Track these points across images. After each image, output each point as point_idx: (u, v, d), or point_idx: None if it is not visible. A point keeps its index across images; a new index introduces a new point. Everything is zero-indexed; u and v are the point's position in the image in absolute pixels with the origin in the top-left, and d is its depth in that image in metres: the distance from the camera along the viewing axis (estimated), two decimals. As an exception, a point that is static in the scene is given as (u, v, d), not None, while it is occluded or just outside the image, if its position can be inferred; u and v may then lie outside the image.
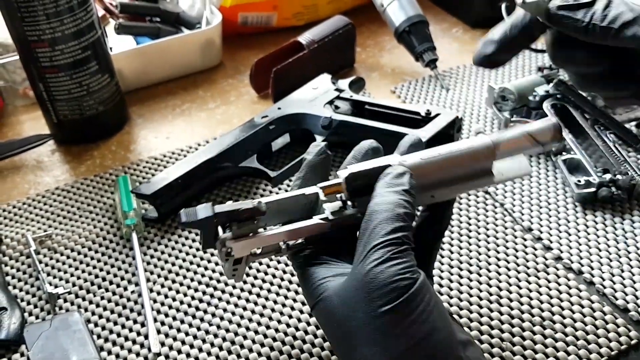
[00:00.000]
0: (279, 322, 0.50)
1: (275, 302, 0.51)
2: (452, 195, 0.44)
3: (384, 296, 0.35)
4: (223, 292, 0.53)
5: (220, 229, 0.40)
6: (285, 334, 0.49)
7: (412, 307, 0.35)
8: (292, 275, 0.53)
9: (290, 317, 0.50)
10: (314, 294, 0.40)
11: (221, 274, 0.54)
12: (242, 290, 0.53)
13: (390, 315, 0.35)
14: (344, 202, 0.42)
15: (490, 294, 0.51)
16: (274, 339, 0.48)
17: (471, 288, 0.51)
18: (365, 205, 0.39)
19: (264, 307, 0.51)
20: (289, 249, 0.42)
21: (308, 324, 0.49)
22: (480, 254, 0.54)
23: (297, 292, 0.52)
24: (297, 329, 0.49)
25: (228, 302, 0.52)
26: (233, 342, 0.48)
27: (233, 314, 0.51)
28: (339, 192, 0.42)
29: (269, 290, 0.52)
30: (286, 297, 0.52)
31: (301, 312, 0.50)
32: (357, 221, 0.40)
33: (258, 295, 0.52)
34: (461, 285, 0.52)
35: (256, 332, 0.49)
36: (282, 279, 0.53)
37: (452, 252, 0.54)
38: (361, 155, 0.45)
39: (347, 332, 0.37)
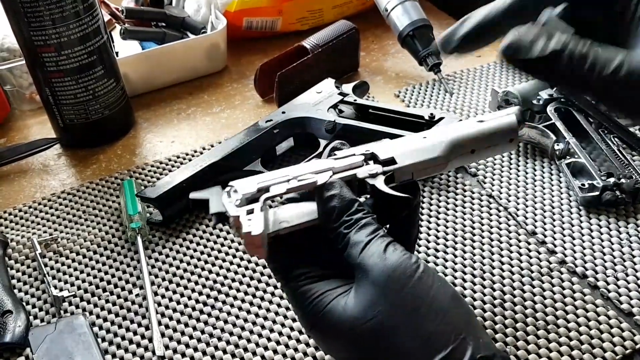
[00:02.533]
0: (283, 325, 0.50)
1: (279, 305, 0.51)
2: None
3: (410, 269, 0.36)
4: (227, 295, 0.53)
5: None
6: (290, 337, 0.49)
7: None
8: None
9: (294, 320, 0.50)
10: (315, 308, 0.37)
11: (225, 277, 0.54)
12: (246, 293, 0.53)
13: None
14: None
15: (494, 298, 0.50)
16: (278, 343, 0.48)
17: (475, 292, 0.51)
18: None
19: (268, 310, 0.51)
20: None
21: (312, 327, 0.49)
22: (483, 257, 0.54)
23: (301, 296, 0.52)
24: (301, 332, 0.49)
25: (232, 306, 0.52)
26: (237, 346, 0.49)
27: (237, 317, 0.51)
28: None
29: (273, 294, 0.52)
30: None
31: (305, 315, 0.50)
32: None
33: (262, 299, 0.52)
34: (465, 289, 0.51)
35: (260, 336, 0.49)
36: (286, 283, 0.53)
37: (455, 256, 0.54)
38: None
39: (387, 327, 0.35)
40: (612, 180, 0.57)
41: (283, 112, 0.67)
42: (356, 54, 0.82)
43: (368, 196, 0.43)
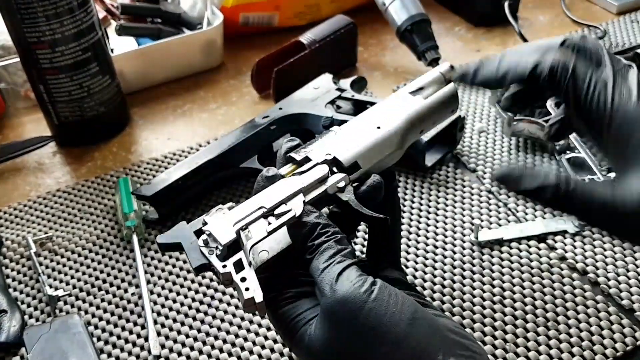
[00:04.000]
0: (280, 323, 0.49)
1: (276, 303, 0.51)
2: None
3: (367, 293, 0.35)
4: (223, 294, 0.52)
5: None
6: (286, 335, 0.48)
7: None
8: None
9: (291, 318, 0.50)
10: (289, 333, 0.38)
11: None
12: (243, 291, 0.52)
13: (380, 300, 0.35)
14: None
15: (494, 294, 0.50)
16: (275, 341, 0.48)
17: (474, 289, 0.51)
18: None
19: (265, 308, 0.51)
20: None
21: (309, 325, 0.49)
22: (483, 253, 0.54)
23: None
24: (298, 330, 0.49)
25: (228, 304, 0.51)
26: (233, 344, 0.48)
27: (233, 315, 0.50)
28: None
29: (270, 292, 0.52)
30: (287, 299, 0.51)
31: (302, 313, 0.50)
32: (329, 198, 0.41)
33: (259, 297, 0.52)
34: (464, 285, 0.51)
35: (257, 334, 0.49)
36: (283, 281, 0.53)
37: (454, 252, 0.54)
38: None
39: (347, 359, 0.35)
40: (612, 175, 0.57)
41: (280, 108, 0.67)
42: (354, 49, 0.82)
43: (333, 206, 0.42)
